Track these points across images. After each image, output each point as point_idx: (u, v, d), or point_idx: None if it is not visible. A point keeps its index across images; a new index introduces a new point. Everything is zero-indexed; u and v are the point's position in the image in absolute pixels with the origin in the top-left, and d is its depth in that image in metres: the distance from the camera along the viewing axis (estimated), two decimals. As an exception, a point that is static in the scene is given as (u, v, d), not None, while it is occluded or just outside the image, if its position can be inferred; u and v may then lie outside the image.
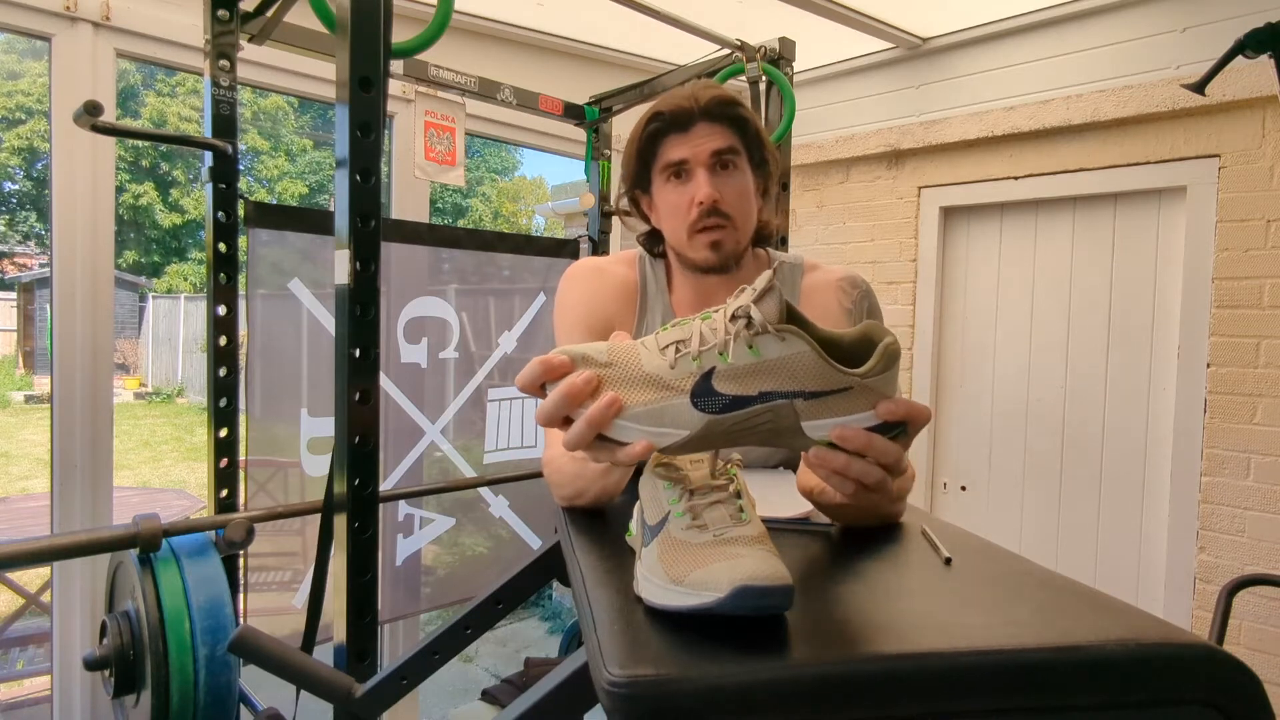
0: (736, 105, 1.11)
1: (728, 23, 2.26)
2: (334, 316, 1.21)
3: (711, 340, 0.58)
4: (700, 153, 1.08)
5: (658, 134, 1.11)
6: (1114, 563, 2.71)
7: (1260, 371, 2.35)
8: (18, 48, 14.92)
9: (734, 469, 0.64)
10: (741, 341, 0.57)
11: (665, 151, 1.11)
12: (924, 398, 3.13)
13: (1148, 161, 2.56)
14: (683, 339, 0.59)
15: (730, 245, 1.12)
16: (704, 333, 0.58)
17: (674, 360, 0.58)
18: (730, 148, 1.10)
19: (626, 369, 0.58)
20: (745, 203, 1.13)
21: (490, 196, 20.80)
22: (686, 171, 1.10)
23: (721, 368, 0.57)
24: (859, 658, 0.48)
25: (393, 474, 2.09)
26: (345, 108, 1.15)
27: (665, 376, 0.58)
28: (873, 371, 0.58)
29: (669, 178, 1.11)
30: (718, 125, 1.09)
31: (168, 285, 16.00)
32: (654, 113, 1.10)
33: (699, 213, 1.08)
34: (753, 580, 0.49)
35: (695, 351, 0.57)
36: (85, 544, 1.34)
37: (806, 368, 0.56)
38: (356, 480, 1.19)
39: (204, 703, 1.35)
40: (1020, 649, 0.49)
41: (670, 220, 1.13)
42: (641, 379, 0.58)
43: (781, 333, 0.56)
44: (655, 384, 0.58)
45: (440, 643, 0.64)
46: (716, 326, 0.58)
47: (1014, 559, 0.68)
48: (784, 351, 0.56)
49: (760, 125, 1.15)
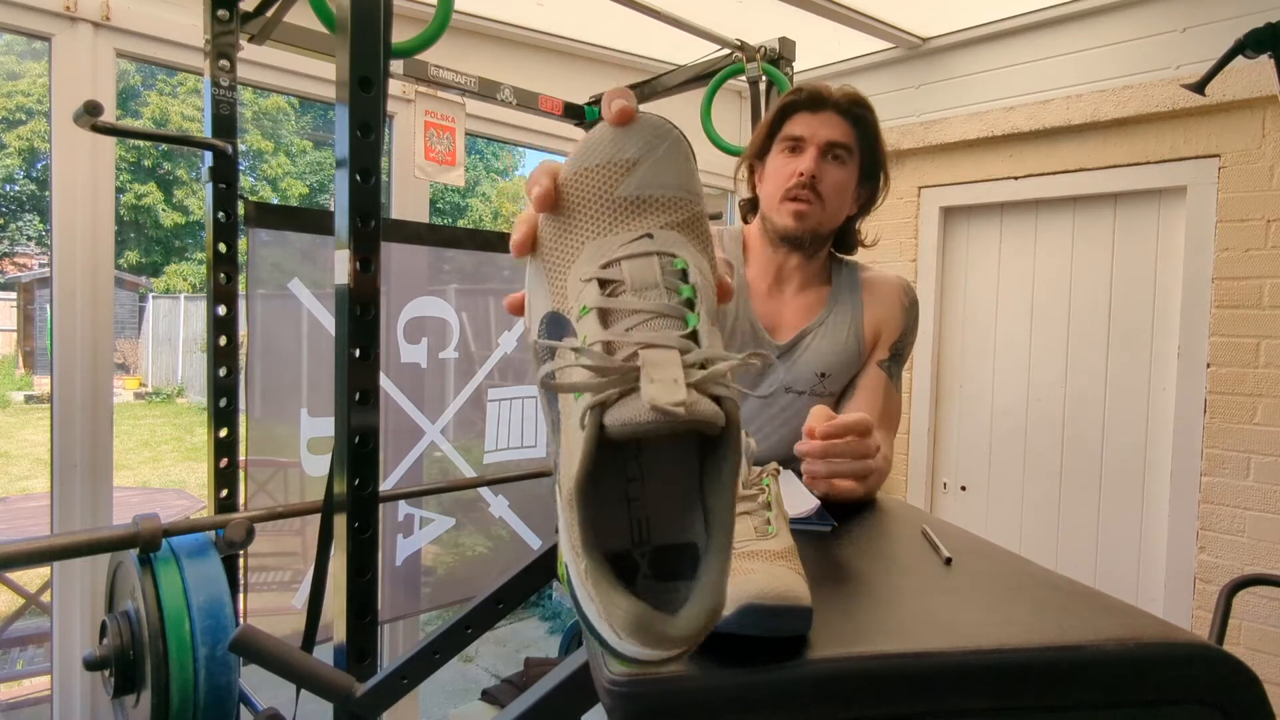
0: (866, 109, 1.21)
1: (728, 23, 2.26)
2: (334, 316, 1.21)
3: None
4: (819, 136, 1.18)
5: (790, 107, 1.21)
6: (1114, 563, 2.71)
7: (1260, 371, 2.35)
8: (17, 48, 14.92)
9: (768, 479, 0.60)
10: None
11: (790, 126, 1.21)
12: (924, 398, 3.13)
13: (1148, 161, 2.56)
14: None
15: (813, 222, 1.21)
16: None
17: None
18: (845, 144, 1.20)
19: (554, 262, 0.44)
20: (841, 194, 1.22)
21: (490, 196, 20.80)
22: (801, 148, 1.19)
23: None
24: (859, 658, 0.48)
25: (393, 474, 2.09)
26: (345, 108, 1.15)
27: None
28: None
29: (785, 149, 1.21)
30: (843, 119, 1.19)
31: (166, 285, 16.00)
32: (795, 89, 1.22)
33: (796, 182, 1.18)
34: (761, 599, 0.47)
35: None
36: (85, 544, 1.34)
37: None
38: (356, 480, 1.19)
39: (204, 703, 1.35)
40: (1020, 649, 0.49)
41: (770, 183, 1.23)
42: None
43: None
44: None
45: (440, 642, 0.64)
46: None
47: (1014, 559, 0.68)
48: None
49: (882, 140, 1.24)
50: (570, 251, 0.43)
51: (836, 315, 1.26)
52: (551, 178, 0.44)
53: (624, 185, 0.43)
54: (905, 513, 0.86)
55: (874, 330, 1.26)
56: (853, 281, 1.29)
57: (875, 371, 1.26)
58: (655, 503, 0.41)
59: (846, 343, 1.24)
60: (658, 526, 0.41)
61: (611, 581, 0.36)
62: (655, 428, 0.33)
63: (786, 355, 1.24)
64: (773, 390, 1.24)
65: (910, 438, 3.17)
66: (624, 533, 0.41)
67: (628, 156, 0.44)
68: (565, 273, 0.43)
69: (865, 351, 1.26)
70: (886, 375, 1.26)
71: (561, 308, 0.42)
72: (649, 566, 0.40)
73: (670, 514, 0.40)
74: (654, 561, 0.40)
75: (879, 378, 1.25)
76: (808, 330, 1.25)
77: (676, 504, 0.40)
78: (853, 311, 1.26)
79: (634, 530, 0.41)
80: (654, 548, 0.40)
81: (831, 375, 1.24)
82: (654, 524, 0.41)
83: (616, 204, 0.43)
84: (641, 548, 0.41)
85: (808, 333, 1.24)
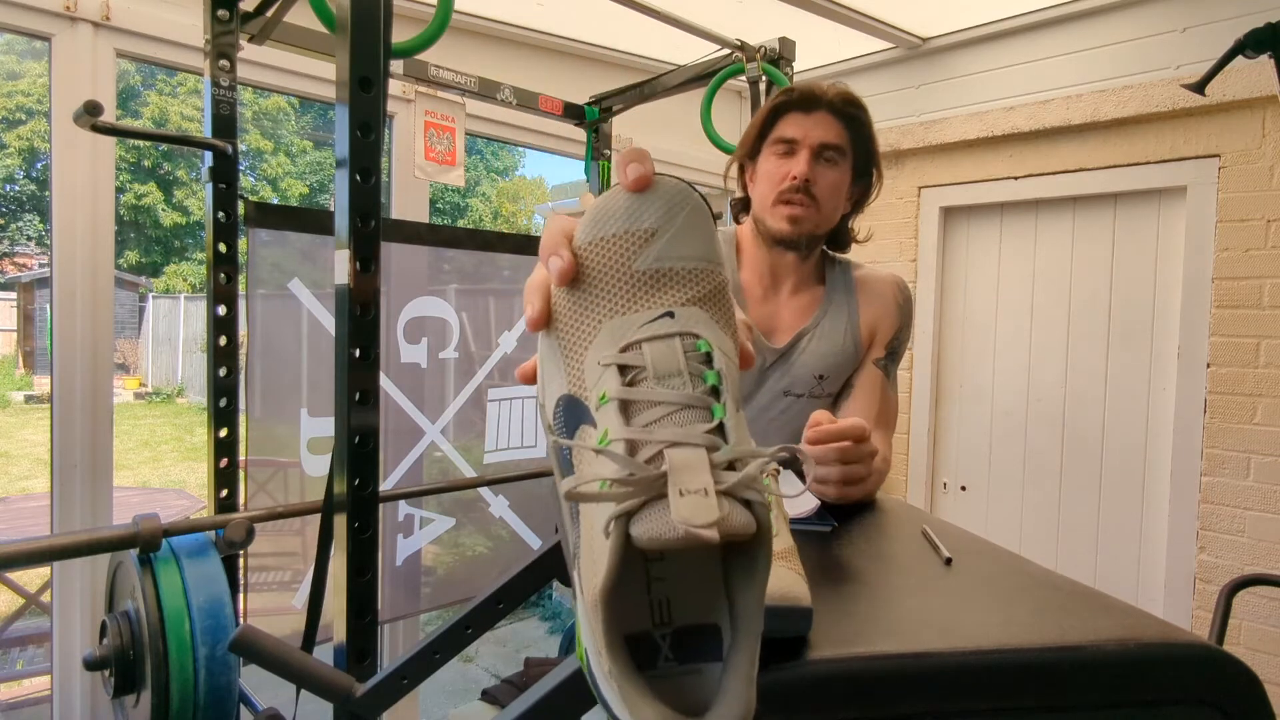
0: (859, 109, 1.20)
1: (728, 23, 2.26)
2: (334, 316, 1.21)
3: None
4: (811, 137, 1.17)
5: (783, 107, 1.20)
6: (1114, 563, 2.71)
7: (1260, 371, 2.35)
8: (18, 48, 14.91)
9: (768, 478, 0.60)
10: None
11: (782, 126, 1.19)
12: (924, 398, 3.13)
13: (1148, 161, 2.56)
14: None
15: (808, 225, 1.19)
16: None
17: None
18: (838, 145, 1.18)
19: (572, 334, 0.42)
20: (835, 195, 1.20)
21: (490, 196, 20.80)
22: (794, 150, 1.18)
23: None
24: (859, 658, 0.48)
25: (393, 474, 2.09)
26: (345, 108, 1.15)
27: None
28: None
29: (777, 151, 1.20)
30: (836, 120, 1.18)
31: (166, 285, 16.00)
32: (786, 89, 1.20)
33: (790, 185, 1.17)
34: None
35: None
36: (85, 544, 1.34)
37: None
38: (356, 480, 1.19)
39: (204, 703, 1.35)
40: (1020, 649, 0.49)
41: (763, 185, 1.21)
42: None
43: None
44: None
45: (440, 642, 0.64)
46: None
47: (1014, 559, 0.68)
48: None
49: (874, 138, 1.23)
50: (587, 330, 0.41)
51: (832, 316, 1.25)
52: (570, 248, 0.42)
53: (642, 258, 0.41)
54: (905, 513, 0.86)
55: (869, 329, 1.26)
56: (847, 281, 1.28)
57: (871, 371, 1.25)
58: (678, 583, 0.39)
59: (843, 344, 1.24)
60: (680, 607, 0.39)
61: (637, 686, 0.35)
62: (685, 544, 0.31)
63: (784, 359, 1.24)
64: (771, 396, 1.24)
65: (910, 438, 3.17)
66: (645, 613, 0.39)
67: (645, 226, 0.41)
68: (582, 354, 0.41)
69: (861, 351, 1.26)
70: (883, 374, 1.26)
71: (579, 392, 0.40)
72: (670, 648, 0.39)
73: (693, 595, 0.39)
74: (675, 643, 0.39)
75: (875, 377, 1.25)
76: (804, 332, 1.24)
77: (700, 586, 0.38)
78: (848, 312, 1.26)
79: (655, 611, 0.39)
80: (676, 628, 0.39)
81: (829, 377, 1.24)
82: (675, 604, 0.39)
83: (635, 278, 0.41)
84: (663, 629, 0.39)
85: (804, 335, 1.24)
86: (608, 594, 0.33)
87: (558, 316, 0.43)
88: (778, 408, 1.23)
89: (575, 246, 0.42)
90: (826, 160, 1.18)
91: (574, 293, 0.42)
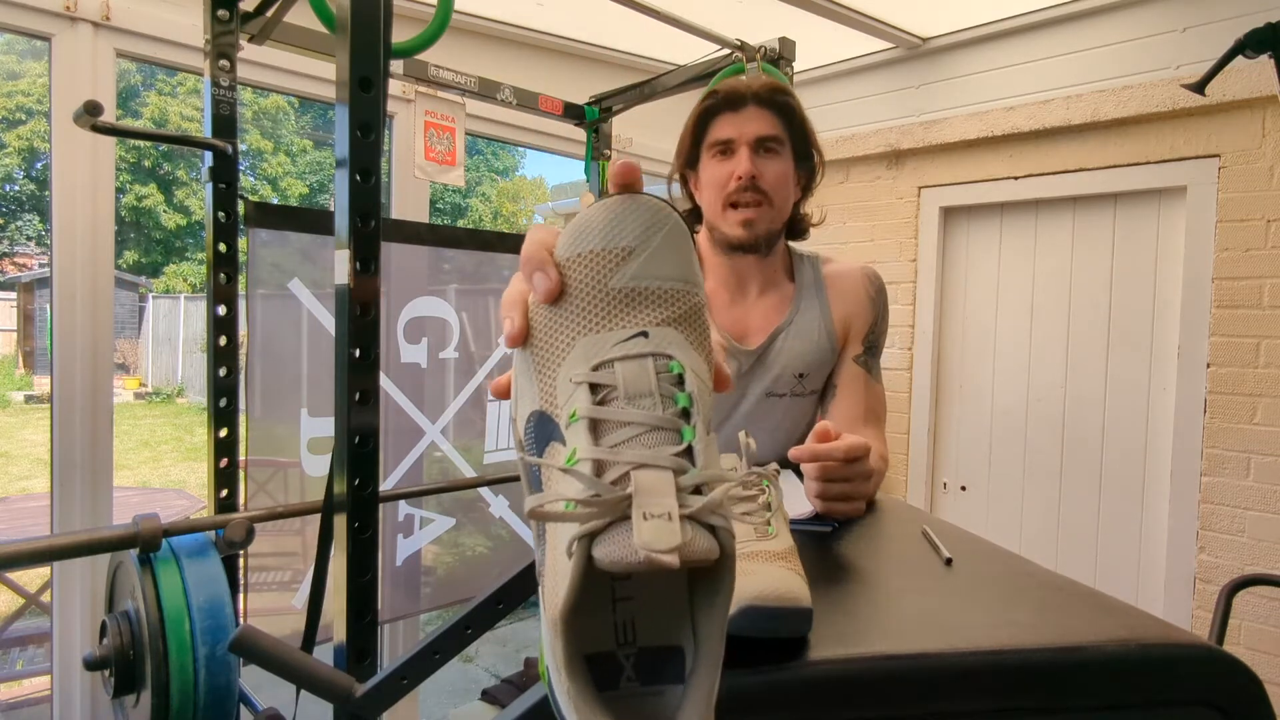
0: (787, 95, 1.18)
1: (728, 23, 2.26)
2: (334, 316, 1.21)
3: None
4: (746, 134, 1.15)
5: (710, 111, 1.18)
6: (1114, 563, 2.71)
7: (1260, 371, 2.35)
8: (18, 48, 14.92)
9: (767, 480, 0.60)
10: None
11: (715, 130, 1.18)
12: (924, 398, 3.13)
13: (1148, 161, 2.56)
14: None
15: (763, 225, 1.18)
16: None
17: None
18: (775, 135, 1.16)
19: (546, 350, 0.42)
20: (783, 186, 1.19)
21: (490, 196, 20.81)
22: (731, 150, 1.16)
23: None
24: (859, 658, 0.48)
25: (393, 474, 2.09)
26: (345, 108, 1.15)
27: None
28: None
29: (715, 155, 1.18)
30: (767, 111, 1.16)
31: (166, 285, 16.01)
32: (709, 92, 1.19)
33: (737, 186, 1.15)
34: (761, 600, 0.47)
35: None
36: (85, 544, 1.34)
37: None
38: (356, 480, 1.19)
39: (204, 703, 1.35)
40: (1020, 649, 0.49)
41: (709, 192, 1.20)
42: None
43: None
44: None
45: (440, 642, 0.64)
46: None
47: (1014, 559, 0.68)
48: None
49: (808, 120, 1.21)
50: (561, 347, 0.41)
51: (804, 313, 1.24)
52: (554, 263, 0.41)
53: (618, 276, 0.41)
54: (905, 513, 0.86)
55: (843, 325, 1.24)
56: (816, 277, 1.26)
57: (852, 368, 1.24)
58: (643, 604, 0.39)
59: (818, 341, 1.23)
60: (644, 628, 0.39)
61: (595, 706, 0.34)
62: (646, 569, 0.31)
63: (760, 360, 1.22)
64: (754, 400, 1.22)
65: (910, 438, 3.17)
66: (610, 633, 0.39)
67: (624, 244, 0.41)
68: (555, 370, 0.40)
69: (838, 347, 1.24)
70: (864, 370, 1.24)
71: (550, 409, 0.39)
72: (634, 669, 0.38)
73: (658, 616, 0.38)
74: (639, 663, 0.38)
75: (857, 374, 1.24)
76: (778, 331, 1.22)
77: (665, 607, 0.38)
78: (820, 308, 1.24)
79: (620, 631, 0.39)
80: (639, 649, 0.39)
81: (809, 375, 1.22)
82: (641, 625, 0.39)
83: (610, 296, 0.40)
84: (626, 649, 0.39)
85: (778, 334, 1.22)
86: (568, 614, 0.33)
87: (533, 331, 0.42)
88: (761, 409, 1.22)
89: (554, 258, 0.42)
90: (767, 151, 1.16)
91: (550, 308, 0.42)
